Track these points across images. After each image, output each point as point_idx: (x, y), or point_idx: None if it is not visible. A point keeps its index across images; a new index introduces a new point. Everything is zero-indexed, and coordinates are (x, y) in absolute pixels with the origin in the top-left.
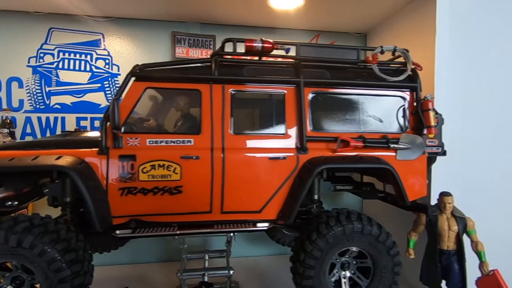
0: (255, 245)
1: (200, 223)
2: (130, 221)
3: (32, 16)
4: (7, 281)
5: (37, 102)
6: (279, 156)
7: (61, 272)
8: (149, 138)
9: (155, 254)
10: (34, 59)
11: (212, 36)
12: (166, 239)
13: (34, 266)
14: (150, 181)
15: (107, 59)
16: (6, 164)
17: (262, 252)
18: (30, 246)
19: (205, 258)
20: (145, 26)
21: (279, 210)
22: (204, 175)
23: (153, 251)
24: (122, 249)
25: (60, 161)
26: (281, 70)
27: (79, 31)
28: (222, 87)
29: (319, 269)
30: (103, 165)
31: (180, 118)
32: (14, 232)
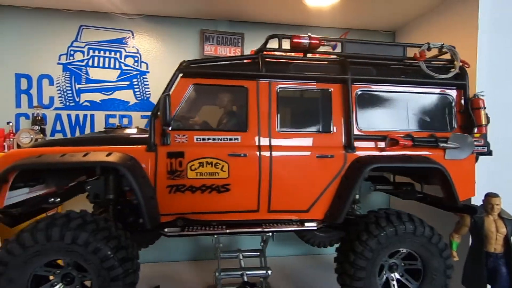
0: (281, 245)
1: (247, 222)
2: (176, 219)
3: (63, 14)
4: (57, 278)
5: (67, 100)
6: (326, 155)
7: (114, 270)
8: (196, 135)
9: (182, 253)
10: (64, 56)
11: (240, 34)
12: (196, 238)
13: (88, 264)
14: (198, 179)
15: (136, 57)
16: (58, 160)
17: (289, 252)
18: (84, 243)
19: (240, 257)
20: (174, 24)
21: (326, 209)
22: (251, 173)
23: (180, 249)
24: (150, 247)
25: (111, 158)
26: (327, 67)
27: (109, 28)
28: (269, 84)
29: (370, 271)
30: (151, 162)
31: (226, 115)
32: (68, 228)
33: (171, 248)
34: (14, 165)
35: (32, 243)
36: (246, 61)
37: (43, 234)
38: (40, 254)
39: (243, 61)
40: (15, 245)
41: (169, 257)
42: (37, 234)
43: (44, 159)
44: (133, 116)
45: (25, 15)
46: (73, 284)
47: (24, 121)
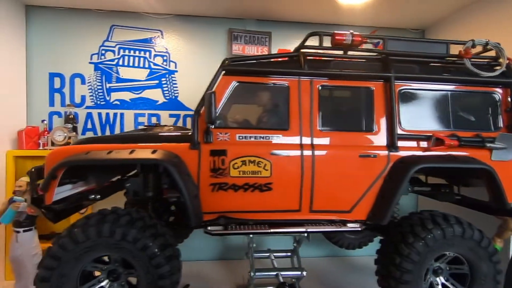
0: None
1: (288, 222)
2: (218, 218)
3: (95, 14)
4: (104, 274)
5: (98, 98)
6: (369, 154)
7: (162, 267)
8: (238, 133)
9: (208, 252)
10: (96, 56)
11: (268, 33)
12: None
13: (136, 261)
14: (241, 177)
15: (165, 56)
16: (106, 157)
17: (314, 253)
18: (133, 240)
19: (271, 257)
20: (202, 23)
21: (369, 210)
22: (293, 172)
23: (206, 248)
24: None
25: (157, 155)
26: (369, 65)
27: (139, 28)
28: (310, 82)
29: (417, 274)
30: (194, 160)
31: (267, 113)
32: (118, 225)
33: (197, 247)
34: (65, 162)
35: (84, 239)
36: (282, 59)
37: (94, 230)
38: (90, 250)
39: (283, 59)
40: (67, 241)
41: (195, 256)
42: (89, 230)
43: (92, 156)
44: (161, 115)
45: (59, 16)
46: (119, 280)
47: (56, 119)
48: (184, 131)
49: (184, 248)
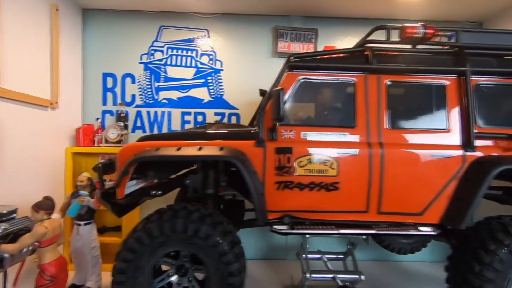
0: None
1: (355, 223)
2: (283, 217)
3: (145, 15)
4: (172, 270)
5: (147, 97)
6: (442, 154)
7: (232, 265)
8: (303, 131)
9: (251, 251)
10: (145, 56)
11: (314, 30)
12: (268, 237)
13: (207, 257)
14: (307, 176)
15: (211, 55)
16: (177, 153)
17: (361, 257)
18: (205, 236)
19: (324, 259)
20: (248, 21)
21: (442, 213)
22: (361, 171)
23: (250, 248)
24: None
25: (225, 152)
26: (441, 59)
27: (186, 28)
28: (378, 77)
29: (499, 284)
30: (260, 157)
31: (333, 110)
32: (191, 221)
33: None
34: (138, 157)
35: (158, 234)
36: (341, 54)
37: (168, 225)
38: (164, 245)
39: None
40: (143, 235)
41: None
42: (164, 225)
43: (163, 152)
44: (207, 114)
45: (112, 18)
46: (186, 275)
47: (109, 117)
48: (242, 128)
49: None
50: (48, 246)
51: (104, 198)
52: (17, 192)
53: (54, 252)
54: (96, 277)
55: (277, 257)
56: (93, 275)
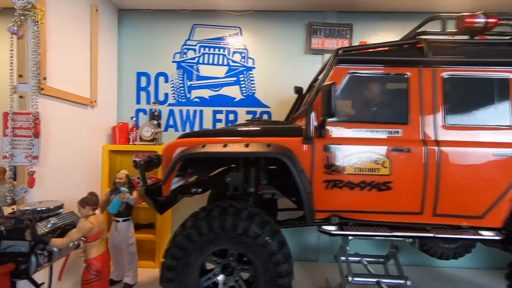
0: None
1: (408, 225)
2: (330, 217)
3: (179, 14)
4: (218, 268)
5: (179, 96)
6: (506, 153)
7: (281, 265)
8: (353, 127)
9: None
10: (178, 55)
11: (349, 25)
12: (299, 237)
13: (256, 257)
14: (357, 174)
15: (243, 53)
16: (224, 150)
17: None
18: (255, 235)
19: (363, 262)
20: (280, 18)
21: (506, 217)
22: (416, 170)
23: None
24: None
25: (274, 149)
26: (503, 50)
27: (218, 26)
28: (433, 70)
29: None
30: (307, 155)
31: (384, 105)
32: (240, 219)
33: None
34: (186, 154)
35: (207, 231)
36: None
37: (218, 223)
38: (213, 243)
39: (402, 46)
40: (193, 232)
41: None
42: (213, 222)
43: (210, 149)
44: (239, 112)
45: (146, 17)
46: (232, 275)
47: (142, 116)
48: (285, 125)
49: None
50: (94, 241)
51: (148, 195)
52: (60, 188)
53: (99, 247)
54: (133, 273)
55: (308, 258)
56: (130, 271)
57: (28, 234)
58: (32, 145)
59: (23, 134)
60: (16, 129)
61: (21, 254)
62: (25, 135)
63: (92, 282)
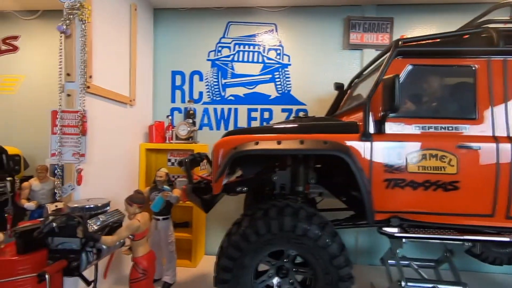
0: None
1: (476, 229)
2: (390, 218)
3: (213, 12)
4: (272, 270)
5: (214, 94)
6: None
7: (343, 269)
8: (415, 123)
9: None
10: (213, 53)
11: (389, 19)
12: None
13: (316, 259)
14: (421, 173)
15: (278, 50)
16: (280, 147)
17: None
18: (315, 236)
19: (413, 266)
20: (317, 13)
21: None
22: (486, 169)
23: None
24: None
25: (332, 146)
26: None
27: (253, 23)
28: (503, 62)
29: None
30: (366, 152)
31: (449, 99)
32: (299, 220)
33: None
34: (242, 151)
35: (265, 231)
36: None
37: (276, 223)
38: (270, 244)
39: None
40: (250, 232)
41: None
42: (271, 223)
43: (266, 146)
44: (274, 110)
45: (181, 16)
46: (287, 278)
47: (177, 114)
48: (335, 121)
49: None
50: (141, 240)
51: (195, 193)
52: (102, 185)
53: (146, 246)
54: (172, 272)
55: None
56: (169, 270)
57: (79, 231)
58: (80, 143)
59: (70, 132)
60: (64, 127)
61: (72, 251)
62: (73, 133)
63: (140, 280)
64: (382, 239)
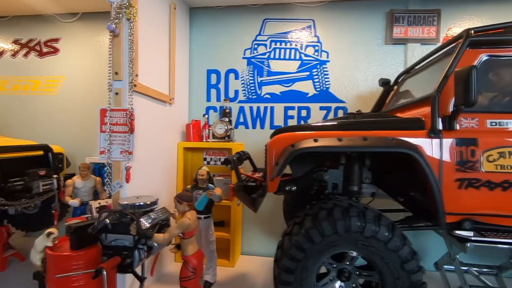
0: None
1: None
2: (462, 221)
3: (249, 9)
4: (333, 273)
5: (250, 92)
6: None
7: (415, 274)
8: (490, 119)
9: None
10: (249, 50)
11: (436, 11)
12: None
13: (385, 263)
14: (499, 173)
15: (316, 46)
16: (341, 144)
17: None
18: (385, 238)
19: (474, 273)
20: (357, 8)
21: None
22: None
23: None
24: None
25: (400, 143)
26: None
27: (290, 19)
28: None
29: None
30: (434, 150)
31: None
32: (367, 220)
33: None
34: (302, 148)
35: (331, 232)
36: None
37: (342, 224)
38: (334, 245)
39: None
40: (315, 233)
41: None
42: (337, 224)
43: (325, 143)
44: (311, 108)
45: (216, 14)
46: (349, 281)
47: (212, 113)
48: (393, 117)
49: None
50: (190, 238)
51: (245, 191)
52: (145, 183)
53: (195, 245)
54: (213, 271)
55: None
56: (210, 269)
57: (133, 228)
58: (128, 140)
59: (118, 130)
60: (112, 125)
61: (125, 248)
62: (121, 131)
63: (191, 279)
64: (427, 242)
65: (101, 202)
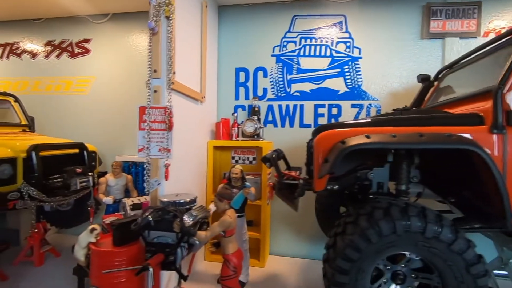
0: None
1: None
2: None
3: (278, 6)
4: (388, 275)
5: (279, 90)
6: None
7: (481, 278)
8: None
9: None
10: (278, 48)
11: (476, 3)
12: None
13: (448, 266)
14: None
15: (348, 42)
16: (397, 140)
17: None
18: (449, 240)
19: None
20: (391, 2)
21: None
22: None
23: None
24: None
25: (462, 140)
26: None
27: (321, 15)
28: None
29: None
30: (498, 146)
31: None
32: (429, 221)
33: None
34: (356, 145)
35: (389, 232)
36: None
37: (402, 224)
38: (393, 246)
39: None
40: (372, 233)
41: None
42: (396, 223)
43: (378, 139)
44: (343, 106)
45: (244, 12)
46: (404, 284)
47: (240, 112)
48: (444, 113)
49: None
50: (230, 237)
51: (284, 190)
52: (180, 180)
53: (235, 243)
54: (246, 271)
55: None
56: (243, 268)
57: (176, 225)
58: (167, 138)
59: (156, 128)
60: (151, 122)
61: (168, 245)
62: (159, 128)
63: (232, 278)
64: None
65: (134, 200)
